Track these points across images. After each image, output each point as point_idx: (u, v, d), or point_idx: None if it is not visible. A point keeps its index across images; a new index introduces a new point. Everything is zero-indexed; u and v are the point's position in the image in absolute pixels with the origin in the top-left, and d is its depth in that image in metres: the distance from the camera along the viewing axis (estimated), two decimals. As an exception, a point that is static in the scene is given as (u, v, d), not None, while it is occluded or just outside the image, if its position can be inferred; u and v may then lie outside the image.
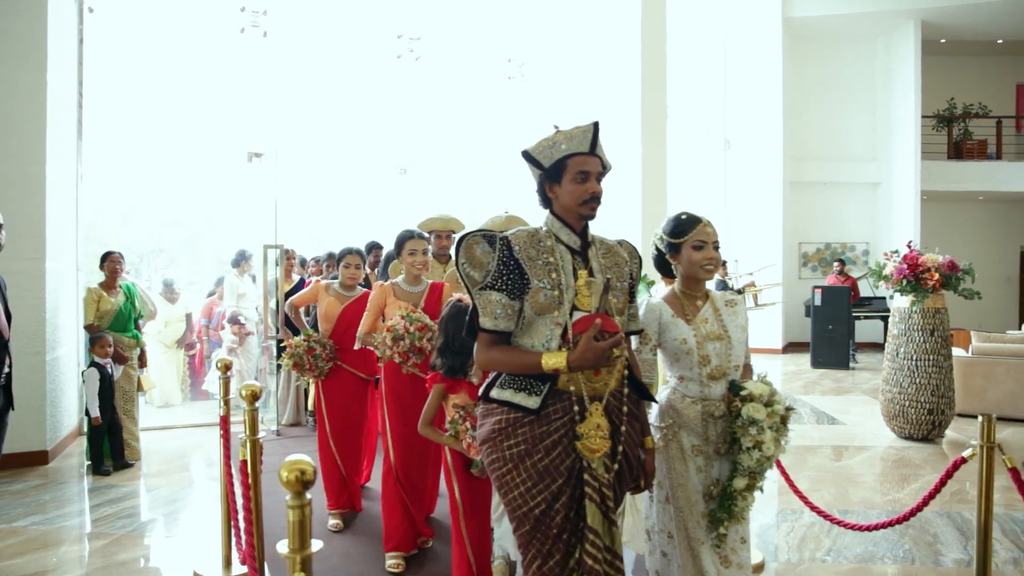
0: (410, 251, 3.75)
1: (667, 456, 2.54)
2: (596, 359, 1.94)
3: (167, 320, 8.34)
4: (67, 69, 6.34)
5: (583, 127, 2.13)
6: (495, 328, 2.05)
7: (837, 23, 13.09)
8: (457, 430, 2.85)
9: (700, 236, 2.53)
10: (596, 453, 2.00)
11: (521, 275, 2.05)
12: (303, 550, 1.31)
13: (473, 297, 2.08)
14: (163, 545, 4.08)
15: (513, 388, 2.07)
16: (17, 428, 5.28)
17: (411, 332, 3.48)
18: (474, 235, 2.10)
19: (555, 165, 2.11)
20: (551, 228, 2.16)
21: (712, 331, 2.53)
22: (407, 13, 9.13)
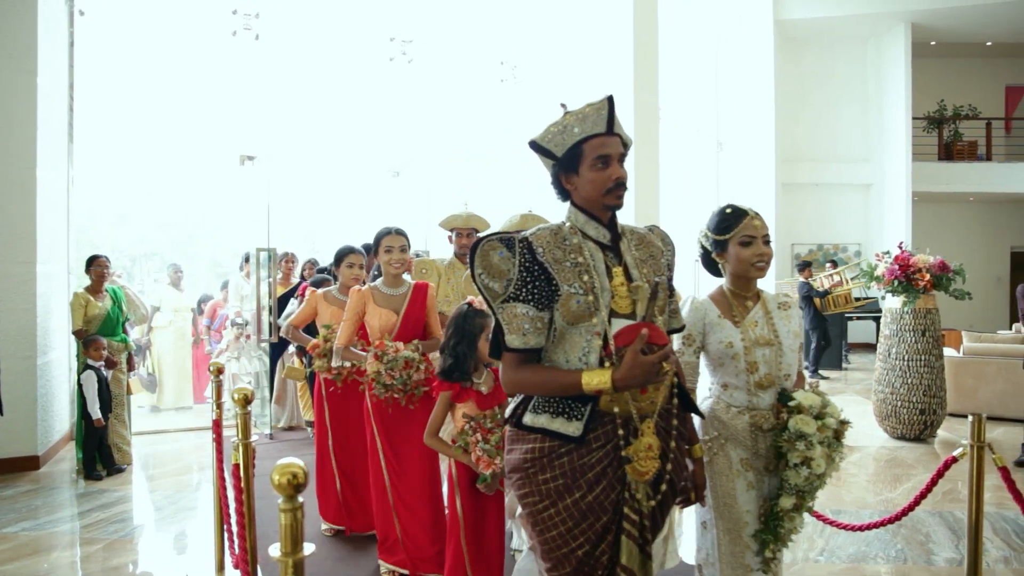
0: (386, 248, 3.41)
1: (711, 472, 2.33)
2: (645, 376, 1.68)
3: (176, 308, 8.30)
4: (58, 72, 6.32)
5: (595, 103, 1.84)
6: (525, 346, 1.77)
7: (828, 25, 13.15)
8: (467, 442, 2.69)
9: (747, 231, 2.31)
10: (646, 476, 1.77)
11: (548, 281, 1.77)
12: (295, 553, 1.30)
13: (495, 312, 1.80)
14: (156, 549, 4.07)
15: (550, 412, 1.79)
16: (8, 433, 5.27)
17: (397, 377, 3.17)
18: (489, 240, 1.81)
19: (569, 152, 1.83)
20: (575, 223, 1.88)
21: (762, 335, 2.32)
22: (399, 16, 9.14)
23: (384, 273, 3.46)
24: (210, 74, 9.80)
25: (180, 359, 8.31)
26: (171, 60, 9.65)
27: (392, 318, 3.34)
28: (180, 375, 8.31)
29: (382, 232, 3.48)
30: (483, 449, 2.64)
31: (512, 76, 9.90)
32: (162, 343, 8.18)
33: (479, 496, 2.78)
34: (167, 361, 8.17)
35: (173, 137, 11.26)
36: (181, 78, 10.06)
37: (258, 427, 6.74)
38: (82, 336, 5.50)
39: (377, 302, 3.41)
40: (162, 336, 8.19)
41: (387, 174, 10.04)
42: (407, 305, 3.41)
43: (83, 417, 5.38)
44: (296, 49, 9.00)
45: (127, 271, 11.77)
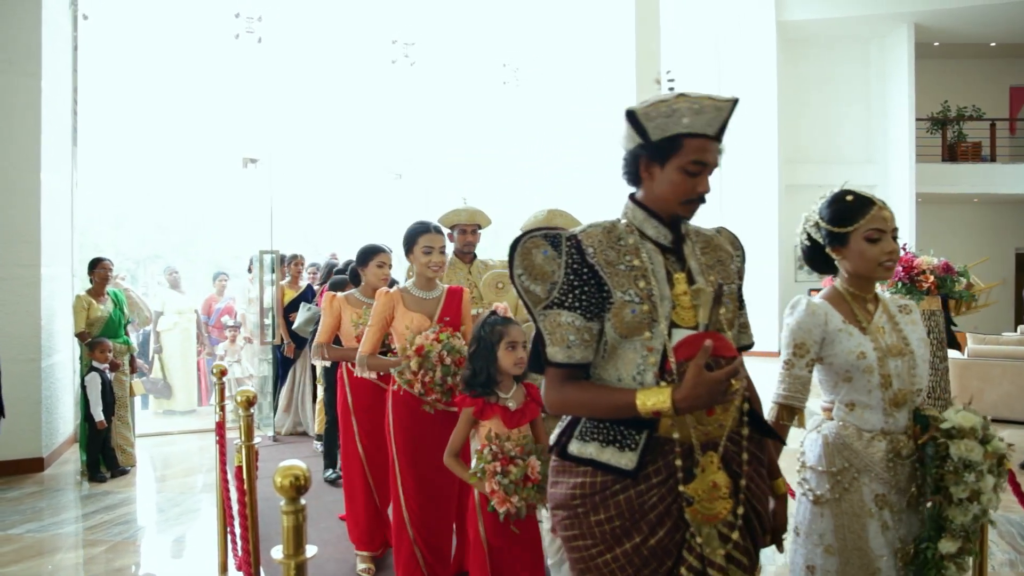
0: (425, 248, 3.04)
1: (838, 511, 1.96)
2: (711, 395, 1.43)
3: (179, 310, 8.30)
4: (62, 76, 6.34)
5: (718, 101, 1.55)
6: (569, 361, 1.53)
7: (831, 26, 13.14)
8: (484, 469, 2.41)
9: (875, 224, 1.96)
10: (714, 520, 1.50)
11: (599, 286, 1.53)
12: (298, 555, 1.30)
13: (536, 320, 1.57)
14: (159, 551, 4.07)
15: (599, 441, 1.55)
16: (12, 435, 5.27)
17: (446, 364, 2.87)
18: (532, 236, 1.59)
19: (666, 141, 1.54)
20: (632, 220, 1.63)
21: (893, 344, 1.98)
22: (402, 18, 9.15)
23: (418, 275, 3.12)
24: (213, 77, 9.83)
25: (188, 361, 8.32)
26: (174, 63, 9.69)
27: (425, 324, 3.00)
28: (189, 377, 8.32)
29: (419, 228, 3.10)
30: (500, 483, 2.36)
31: (514, 78, 9.91)
32: (170, 346, 8.20)
33: (507, 522, 2.47)
34: (176, 364, 8.19)
35: (176, 140, 11.30)
36: (184, 81, 10.10)
37: (261, 429, 6.74)
38: (85, 339, 5.51)
39: (408, 306, 3.06)
40: (169, 338, 8.21)
41: (389, 176, 10.05)
42: (441, 309, 3.09)
43: (87, 419, 5.39)
44: (298, 52, 9.03)
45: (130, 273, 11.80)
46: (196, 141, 11.22)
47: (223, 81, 9.73)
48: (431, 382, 2.87)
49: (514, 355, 2.49)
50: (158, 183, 12.91)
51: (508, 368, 2.50)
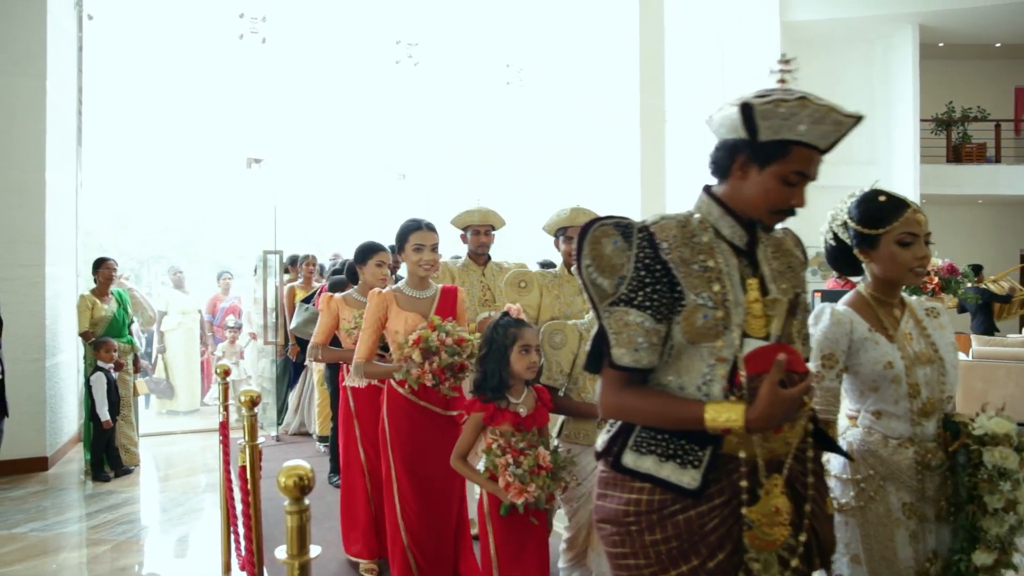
0: (415, 246, 2.97)
1: (864, 520, 1.89)
2: (785, 414, 1.34)
3: (183, 311, 8.30)
4: (67, 76, 6.36)
5: (841, 115, 1.42)
6: (635, 364, 1.42)
7: (835, 27, 13.12)
8: (495, 464, 2.35)
9: (909, 227, 1.87)
10: (771, 546, 1.41)
11: (671, 286, 1.43)
12: (302, 555, 1.31)
13: (600, 316, 1.46)
14: (163, 551, 4.08)
15: (657, 454, 1.45)
16: (17, 434, 5.29)
17: (448, 346, 2.79)
18: (602, 224, 1.47)
19: (774, 145, 1.43)
20: (707, 217, 1.52)
21: (921, 351, 1.90)
22: (405, 19, 9.15)
23: (410, 274, 3.04)
24: (217, 77, 9.85)
25: (191, 361, 8.34)
26: (178, 63, 9.70)
27: (419, 323, 2.92)
28: (192, 377, 8.34)
29: (410, 226, 3.02)
30: (514, 474, 2.31)
31: (518, 79, 9.91)
32: (173, 346, 8.21)
33: (516, 528, 2.40)
34: (179, 364, 8.20)
35: (180, 140, 11.32)
36: (188, 81, 10.12)
37: (264, 429, 6.75)
38: (89, 338, 5.53)
39: (401, 305, 2.98)
40: (172, 338, 8.22)
41: (393, 177, 10.05)
42: (436, 309, 3.01)
43: (91, 419, 5.40)
44: (302, 52, 9.03)
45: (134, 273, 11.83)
46: (200, 141, 11.24)
47: (227, 81, 9.75)
48: (440, 368, 2.77)
49: (527, 359, 2.42)
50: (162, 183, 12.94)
51: (520, 372, 2.43)
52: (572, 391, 2.68)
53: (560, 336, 2.66)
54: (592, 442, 2.61)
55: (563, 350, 2.64)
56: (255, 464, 2.77)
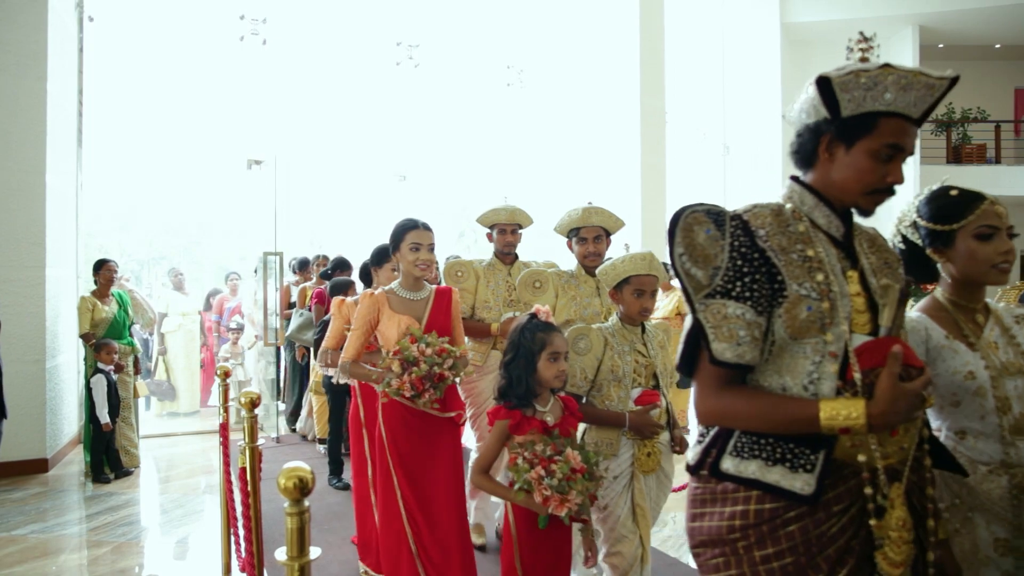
0: (412, 244, 2.85)
1: None
2: (908, 410, 1.22)
3: (183, 312, 8.30)
4: (67, 78, 6.36)
5: (930, 77, 1.31)
6: (738, 359, 1.30)
7: (836, 28, 13.12)
8: (527, 481, 2.14)
9: (987, 220, 1.70)
10: (900, 568, 1.26)
11: (770, 275, 1.32)
12: (302, 557, 1.30)
13: (695, 310, 1.34)
14: (163, 552, 4.08)
15: (762, 458, 1.31)
16: (17, 436, 5.30)
17: (427, 356, 2.67)
18: (693, 211, 1.36)
19: (859, 119, 1.33)
20: (800, 206, 1.42)
21: (1010, 361, 1.69)
22: (406, 20, 9.16)
23: (405, 274, 2.92)
24: (218, 79, 9.86)
25: (192, 363, 8.34)
26: (179, 65, 9.72)
27: (413, 326, 2.81)
28: (192, 378, 8.34)
29: (406, 225, 2.91)
30: (550, 486, 2.12)
31: (519, 80, 9.91)
32: (174, 347, 8.21)
33: (543, 546, 2.24)
34: (180, 366, 8.20)
35: (181, 142, 11.35)
36: (189, 83, 10.14)
37: (264, 431, 6.75)
38: (89, 340, 5.53)
39: (394, 308, 2.87)
40: (172, 340, 8.22)
41: (393, 178, 10.06)
42: (430, 311, 2.90)
43: (91, 420, 5.40)
44: (303, 54, 9.04)
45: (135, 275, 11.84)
46: (200, 143, 11.26)
47: (227, 83, 9.77)
48: (419, 379, 2.65)
49: (556, 367, 2.28)
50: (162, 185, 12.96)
51: (548, 380, 2.28)
52: (596, 398, 2.60)
53: (585, 341, 2.58)
54: (616, 451, 2.57)
55: (588, 356, 2.57)
56: (255, 466, 2.77)
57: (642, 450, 2.57)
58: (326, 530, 4.21)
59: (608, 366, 2.56)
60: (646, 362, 2.63)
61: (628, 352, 2.61)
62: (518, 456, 2.19)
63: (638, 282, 2.56)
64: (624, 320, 2.65)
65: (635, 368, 2.61)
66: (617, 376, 2.56)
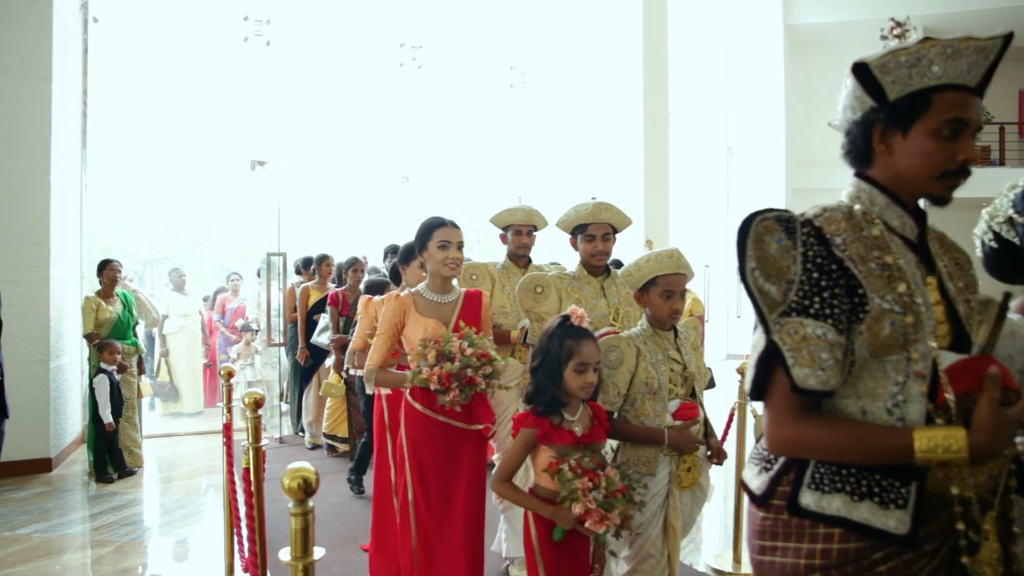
0: (441, 243, 2.70)
1: None
2: (1010, 438, 1.12)
3: (184, 313, 8.30)
4: (72, 79, 6.38)
5: (980, 42, 1.26)
6: (822, 386, 1.15)
7: (838, 30, 13.13)
8: (573, 489, 2.01)
9: None
10: None
11: (850, 288, 1.18)
12: (305, 557, 1.31)
13: (769, 330, 1.18)
14: (166, 552, 4.08)
15: (846, 492, 1.18)
16: (20, 436, 5.31)
17: (466, 355, 2.52)
18: (763, 218, 1.22)
19: (909, 99, 1.21)
20: (871, 207, 1.28)
21: None
22: (409, 22, 9.18)
23: (432, 275, 2.77)
24: (221, 80, 9.88)
25: (194, 364, 8.35)
26: (183, 66, 9.74)
27: (440, 331, 2.66)
28: (196, 379, 8.35)
29: (433, 223, 2.75)
30: (596, 499, 1.99)
31: (522, 82, 9.93)
32: (176, 349, 8.22)
33: (566, 561, 2.14)
34: (183, 367, 8.21)
35: (184, 142, 11.37)
36: (193, 84, 10.16)
37: (267, 431, 6.76)
38: (93, 340, 5.54)
39: (421, 311, 2.72)
40: (174, 341, 8.23)
41: (397, 179, 10.07)
42: (458, 315, 2.75)
43: (95, 420, 5.42)
44: (307, 55, 9.06)
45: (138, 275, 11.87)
46: (204, 144, 11.29)
47: (231, 84, 9.78)
48: (447, 375, 2.50)
49: (583, 378, 2.14)
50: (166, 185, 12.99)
51: (574, 392, 2.15)
52: (629, 413, 2.42)
53: (616, 353, 2.39)
54: (653, 470, 2.39)
55: (620, 368, 2.38)
56: (259, 466, 2.78)
57: (681, 466, 2.40)
58: (329, 531, 4.22)
59: (642, 378, 2.38)
60: (682, 369, 2.46)
61: (662, 361, 2.42)
62: (563, 462, 2.06)
63: (666, 282, 2.37)
64: (653, 324, 2.46)
65: (670, 377, 2.42)
66: (652, 388, 2.38)
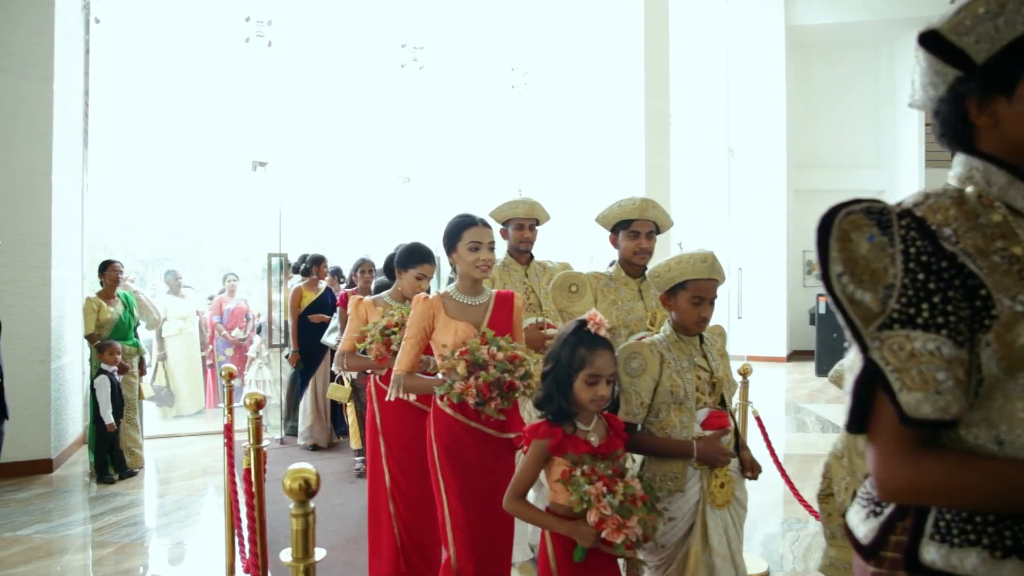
0: (471, 244, 2.58)
1: None
2: None
3: (182, 316, 8.27)
4: (73, 79, 6.38)
5: None
6: (941, 415, 0.93)
7: (840, 31, 13.12)
8: (585, 496, 1.86)
9: None
10: None
11: (968, 289, 0.96)
12: (306, 558, 1.30)
13: (867, 347, 0.96)
14: (167, 553, 4.08)
15: (983, 546, 0.97)
16: (21, 436, 5.31)
17: (499, 360, 2.43)
18: (850, 211, 0.99)
19: (1004, 56, 1.00)
20: (987, 188, 1.05)
21: None
22: (411, 22, 9.18)
23: (462, 276, 2.64)
24: (223, 80, 9.88)
25: (193, 365, 8.34)
26: (184, 67, 9.75)
27: (471, 334, 2.55)
28: (194, 381, 8.34)
29: (464, 222, 2.62)
30: (611, 505, 1.86)
31: (523, 82, 9.93)
32: (174, 352, 8.21)
33: None
34: (181, 370, 8.19)
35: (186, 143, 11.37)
36: (194, 84, 10.16)
37: (268, 432, 6.76)
38: (94, 340, 5.54)
39: (450, 313, 2.59)
40: (173, 344, 8.21)
41: (398, 180, 10.07)
42: (490, 318, 2.62)
43: (96, 421, 5.42)
44: (308, 56, 9.06)
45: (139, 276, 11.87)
46: (205, 144, 11.28)
47: (232, 84, 9.78)
48: (486, 384, 2.39)
49: (593, 391, 1.97)
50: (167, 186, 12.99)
51: (584, 404, 1.99)
52: (653, 425, 2.28)
53: (638, 360, 2.26)
54: (682, 486, 2.21)
55: (643, 377, 2.25)
56: (259, 467, 2.77)
57: (713, 482, 2.22)
58: (330, 532, 4.21)
59: (667, 387, 2.25)
60: (709, 376, 2.32)
61: (688, 368, 2.29)
62: (575, 468, 1.92)
63: (697, 288, 2.24)
64: (678, 330, 2.33)
65: (697, 385, 2.29)
66: (678, 398, 2.25)
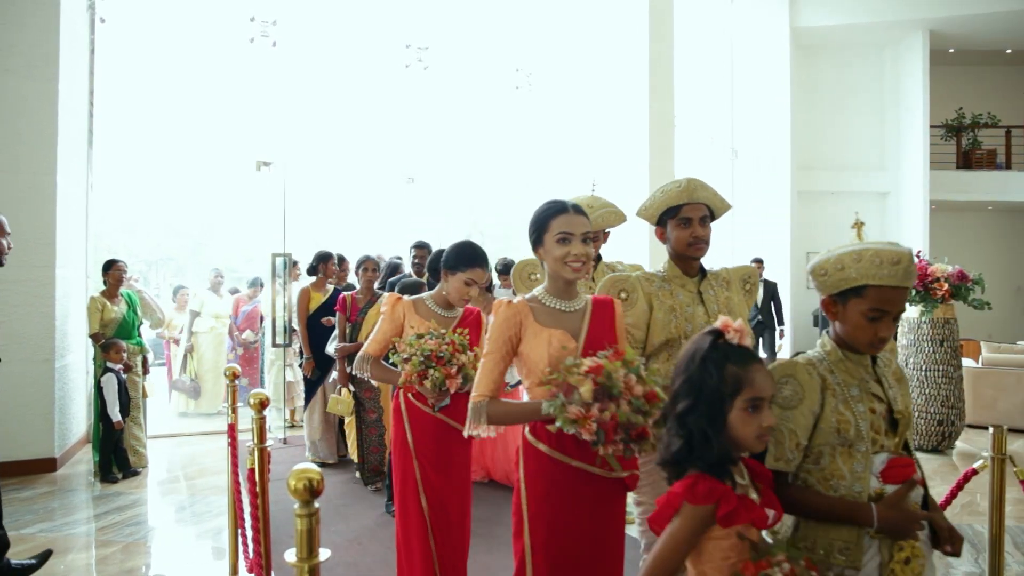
0: (560, 235, 2.05)
1: None
2: None
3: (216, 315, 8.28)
4: (78, 79, 6.40)
5: None
6: None
7: (845, 33, 13.09)
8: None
9: None
10: None
11: None
12: (311, 559, 1.30)
13: None
14: (171, 553, 4.08)
15: None
16: (26, 435, 5.33)
17: (636, 397, 1.82)
18: None
19: None
20: None
21: None
22: (415, 23, 9.19)
23: (551, 276, 2.12)
24: (227, 80, 9.90)
25: (219, 365, 8.32)
26: (189, 67, 9.77)
27: (569, 344, 2.04)
28: (218, 380, 8.30)
29: (552, 209, 2.10)
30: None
31: (527, 83, 9.92)
32: (204, 348, 8.21)
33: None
34: (207, 367, 8.20)
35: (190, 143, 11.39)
36: (199, 84, 10.18)
37: (272, 432, 6.77)
38: (99, 340, 5.55)
39: (541, 320, 2.07)
40: (203, 340, 8.21)
41: (402, 180, 10.08)
42: (588, 325, 2.10)
43: (100, 420, 5.43)
44: (313, 56, 9.07)
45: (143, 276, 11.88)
46: (210, 144, 11.30)
47: (237, 85, 9.79)
48: (615, 423, 1.79)
49: (757, 420, 1.44)
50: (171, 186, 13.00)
51: (746, 442, 1.45)
52: (813, 474, 1.67)
53: (792, 386, 1.66)
54: (856, 562, 1.61)
55: (799, 409, 1.65)
56: (264, 467, 2.77)
57: (897, 555, 1.60)
58: (334, 532, 4.22)
59: (832, 423, 1.64)
60: (886, 410, 1.71)
61: (859, 398, 1.67)
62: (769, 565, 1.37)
63: (879, 297, 1.62)
64: (842, 345, 1.70)
65: (872, 421, 1.66)
66: (847, 438, 1.64)
